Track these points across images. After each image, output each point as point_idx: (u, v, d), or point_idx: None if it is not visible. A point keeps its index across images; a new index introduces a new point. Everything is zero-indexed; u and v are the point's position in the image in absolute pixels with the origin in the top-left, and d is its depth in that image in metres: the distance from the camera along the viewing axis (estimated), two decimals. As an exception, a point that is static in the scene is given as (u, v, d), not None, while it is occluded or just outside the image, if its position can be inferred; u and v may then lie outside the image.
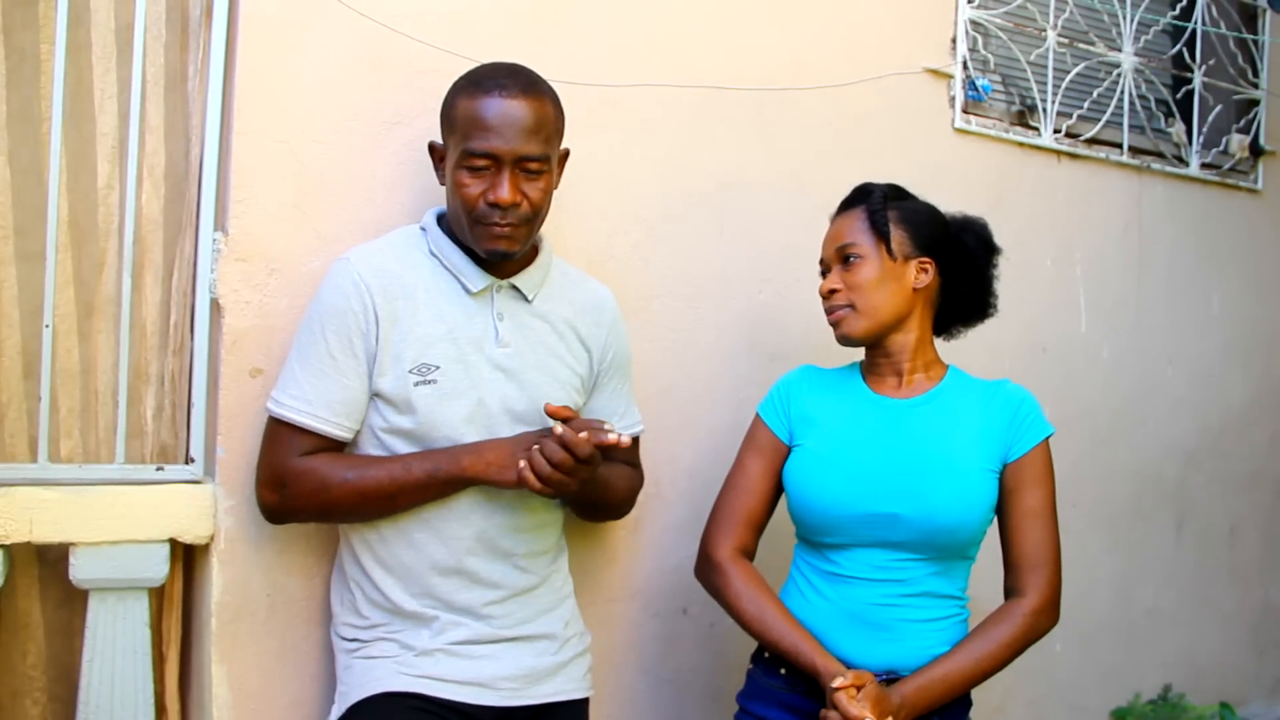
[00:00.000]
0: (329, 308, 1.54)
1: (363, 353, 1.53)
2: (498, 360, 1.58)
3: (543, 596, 1.65)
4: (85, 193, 1.71)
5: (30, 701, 1.76)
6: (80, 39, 1.69)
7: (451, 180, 1.54)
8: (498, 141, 1.50)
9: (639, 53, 2.02)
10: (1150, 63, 2.83)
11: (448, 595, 1.57)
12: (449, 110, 1.56)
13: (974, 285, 1.78)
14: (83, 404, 1.72)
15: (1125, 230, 2.76)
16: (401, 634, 1.57)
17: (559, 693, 1.64)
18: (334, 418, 1.53)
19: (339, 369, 1.52)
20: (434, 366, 1.54)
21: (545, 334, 1.65)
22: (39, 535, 1.55)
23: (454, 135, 1.54)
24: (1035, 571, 1.63)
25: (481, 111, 1.51)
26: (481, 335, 1.58)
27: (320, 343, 1.53)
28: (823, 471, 1.67)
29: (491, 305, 1.60)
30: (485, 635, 1.58)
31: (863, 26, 2.31)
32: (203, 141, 1.71)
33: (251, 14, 1.67)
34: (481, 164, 1.51)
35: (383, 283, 1.54)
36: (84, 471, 1.65)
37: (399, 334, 1.54)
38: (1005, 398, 1.70)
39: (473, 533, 1.57)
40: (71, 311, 1.70)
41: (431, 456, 1.53)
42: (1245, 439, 3.03)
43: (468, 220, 1.54)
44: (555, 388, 1.63)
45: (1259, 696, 3.10)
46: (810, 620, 1.65)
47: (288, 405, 1.52)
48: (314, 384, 1.52)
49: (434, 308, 1.56)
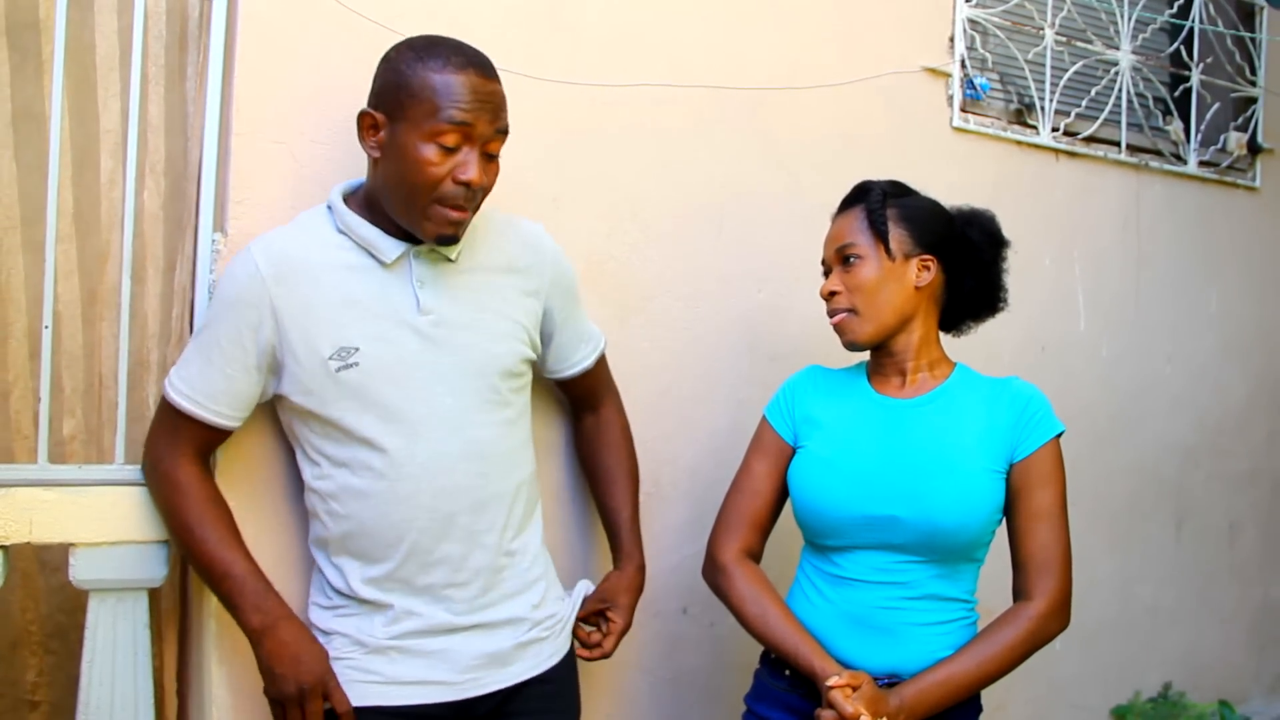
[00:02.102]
0: (223, 298, 1.51)
1: (252, 345, 1.50)
2: (421, 329, 1.53)
3: (507, 580, 1.61)
4: (89, 187, 1.75)
5: (29, 702, 1.77)
6: (84, 40, 1.72)
7: (407, 154, 1.45)
8: (476, 116, 1.45)
9: (637, 53, 2.02)
10: (1148, 61, 2.84)
11: (406, 576, 1.54)
12: (403, 79, 1.46)
13: (981, 280, 1.74)
14: (85, 385, 1.76)
15: (1124, 228, 2.76)
16: (355, 618, 1.55)
17: (526, 672, 1.61)
18: (214, 405, 1.51)
19: (225, 359, 1.50)
20: (353, 349, 1.50)
21: (475, 290, 1.58)
22: (39, 536, 1.55)
23: (415, 107, 1.44)
24: (1043, 573, 1.59)
25: (456, 84, 1.44)
26: (400, 306, 1.53)
27: (210, 331, 1.51)
28: (824, 473, 1.66)
29: (410, 273, 1.55)
30: (441, 624, 1.55)
31: (860, 26, 2.31)
32: (201, 141, 1.72)
33: (250, 14, 1.67)
34: (452, 141, 1.45)
35: (282, 271, 1.50)
36: (84, 472, 1.64)
37: (308, 321, 1.50)
38: (1012, 396, 1.65)
39: (430, 508, 1.53)
40: (76, 299, 1.75)
41: (251, 590, 1.50)
42: (1244, 436, 3.03)
43: (424, 199, 1.47)
44: (490, 343, 1.58)
45: (1259, 694, 3.10)
46: (813, 623, 1.64)
47: (174, 388, 1.52)
48: (200, 371, 1.51)
49: (343, 288, 1.51)
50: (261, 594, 1.50)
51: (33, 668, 1.80)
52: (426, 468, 1.52)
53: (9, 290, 1.72)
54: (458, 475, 1.54)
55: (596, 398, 1.87)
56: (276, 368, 1.52)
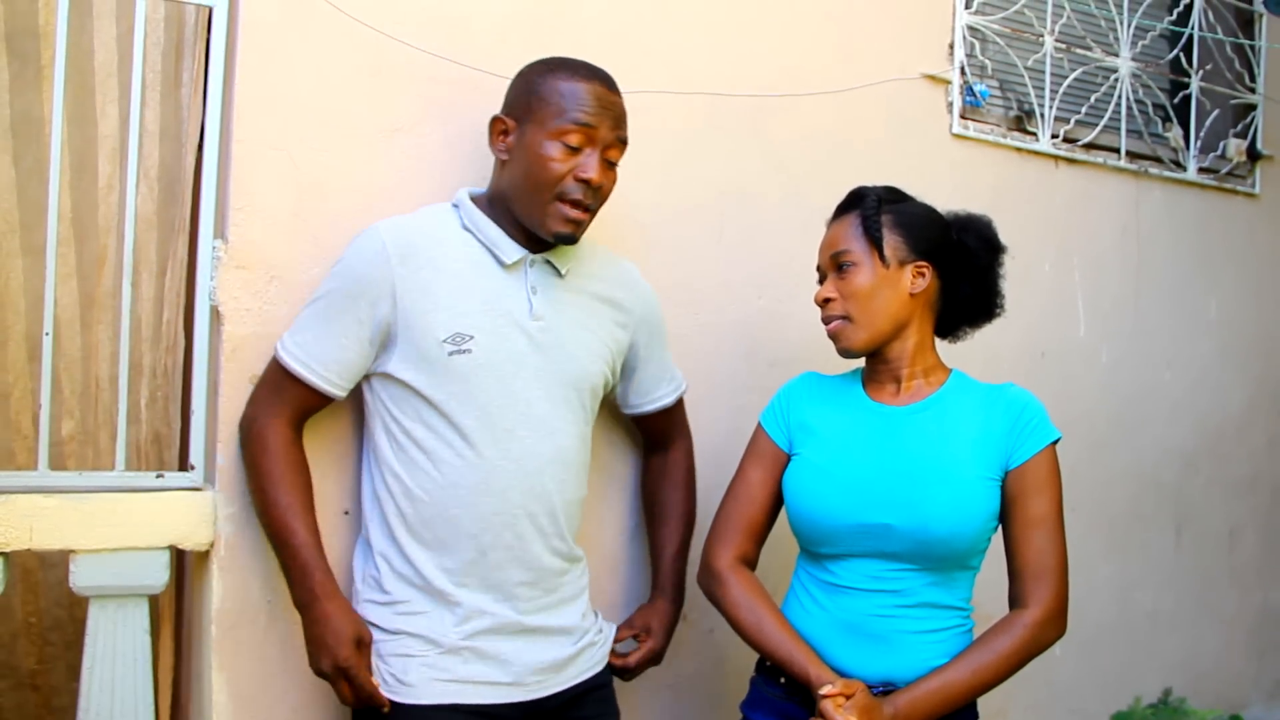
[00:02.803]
0: (347, 269, 1.58)
1: (369, 319, 1.55)
2: (531, 333, 1.61)
3: (566, 585, 1.68)
4: (87, 192, 1.77)
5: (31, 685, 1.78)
6: (83, 45, 1.72)
7: (534, 153, 1.56)
8: (599, 119, 1.57)
9: (637, 60, 2.02)
10: (1147, 67, 2.84)
11: (482, 570, 1.58)
12: (534, 86, 1.59)
13: (977, 286, 1.73)
14: (83, 386, 1.78)
15: (1123, 235, 2.76)
16: (422, 617, 1.58)
17: (581, 674, 1.68)
18: (325, 372, 1.56)
19: (342, 328, 1.56)
20: (468, 336, 1.56)
21: (577, 308, 1.68)
22: (39, 543, 1.56)
23: (544, 109, 1.56)
24: (1039, 581, 1.58)
25: (583, 91, 1.57)
26: (515, 308, 1.61)
27: (331, 300, 1.57)
28: (818, 481, 1.66)
29: (525, 279, 1.63)
30: (509, 623, 1.60)
31: (860, 33, 2.31)
32: (200, 148, 1.72)
33: (250, 21, 1.68)
34: (576, 141, 1.55)
35: (406, 253, 1.56)
36: (84, 479, 1.65)
37: (428, 304, 1.56)
38: (1007, 403, 1.64)
39: (520, 505, 1.59)
40: (74, 303, 1.77)
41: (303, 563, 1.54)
42: (1243, 442, 3.03)
43: (547, 195, 1.56)
44: (587, 360, 1.67)
45: (1259, 700, 3.10)
46: (808, 630, 1.64)
47: (289, 351, 1.57)
48: (315, 337, 1.56)
49: (464, 279, 1.58)
50: (310, 569, 1.54)
51: (33, 656, 1.84)
52: (522, 465, 1.59)
53: (8, 294, 1.74)
54: (545, 477, 1.61)
55: (669, 437, 1.94)
56: (389, 343, 1.57)
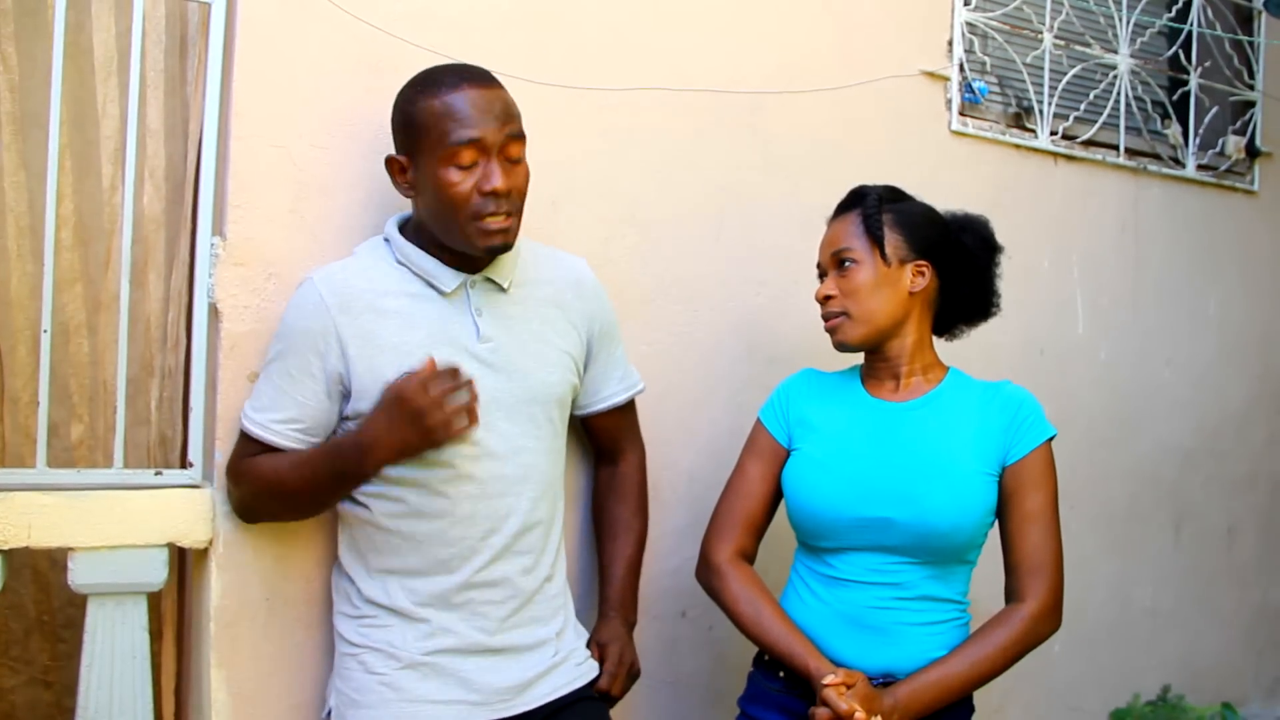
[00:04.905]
0: (289, 329, 1.56)
1: (320, 373, 1.54)
2: (481, 355, 1.58)
3: (538, 604, 1.64)
4: (91, 193, 1.76)
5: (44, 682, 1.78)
6: (82, 44, 1.71)
7: (434, 183, 1.51)
8: (482, 128, 1.50)
9: (635, 57, 2.02)
10: (1146, 64, 2.84)
11: (449, 592, 1.56)
12: (409, 117, 1.53)
13: (975, 285, 1.76)
14: (92, 391, 1.77)
15: (1122, 232, 2.76)
16: (385, 630, 1.56)
17: (558, 689, 1.63)
18: (291, 432, 1.55)
19: (296, 387, 1.54)
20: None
21: (527, 320, 1.64)
22: (38, 540, 1.55)
23: (426, 138, 1.51)
24: (1035, 576, 1.61)
25: (454, 105, 1.50)
26: (460, 334, 1.58)
27: (282, 362, 1.56)
28: (818, 475, 1.67)
29: (468, 302, 1.60)
30: (474, 644, 1.57)
31: (859, 29, 2.31)
32: (200, 146, 1.72)
33: (249, 18, 1.67)
34: (468, 159, 1.50)
35: (345, 300, 1.54)
36: (83, 476, 1.65)
37: (372, 349, 1.54)
38: (1004, 399, 1.68)
39: (486, 530, 1.57)
40: (81, 306, 1.76)
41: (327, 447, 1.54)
42: (1242, 439, 3.03)
43: (460, 219, 1.52)
44: (544, 373, 1.64)
45: (1257, 697, 3.10)
46: (808, 624, 1.65)
47: (250, 418, 1.57)
48: (272, 401, 1.56)
49: (406, 317, 1.56)
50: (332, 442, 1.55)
51: (46, 652, 1.84)
52: (486, 490, 1.56)
53: (18, 297, 1.73)
54: (511, 498, 1.59)
55: (619, 447, 1.88)
56: (346, 393, 1.56)
